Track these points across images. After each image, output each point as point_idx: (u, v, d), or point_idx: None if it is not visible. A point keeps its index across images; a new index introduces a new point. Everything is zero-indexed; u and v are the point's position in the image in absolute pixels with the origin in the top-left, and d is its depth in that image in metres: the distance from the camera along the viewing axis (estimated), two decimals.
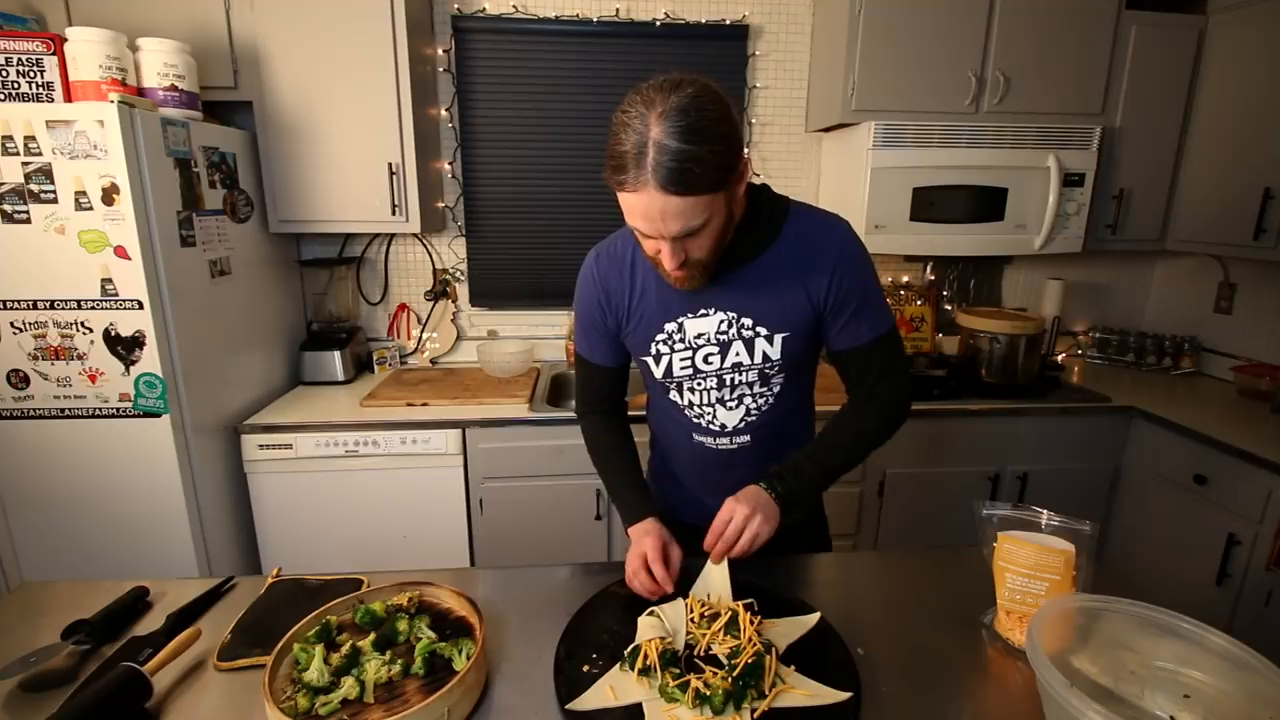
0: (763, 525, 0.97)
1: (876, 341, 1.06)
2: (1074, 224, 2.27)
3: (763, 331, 1.04)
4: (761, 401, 1.10)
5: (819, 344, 1.10)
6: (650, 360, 1.10)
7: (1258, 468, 1.78)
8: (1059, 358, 2.55)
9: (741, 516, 0.96)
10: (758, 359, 1.05)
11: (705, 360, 1.07)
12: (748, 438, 1.12)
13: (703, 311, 1.04)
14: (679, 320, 1.06)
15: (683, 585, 1.00)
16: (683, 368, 1.08)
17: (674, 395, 1.13)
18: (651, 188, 0.82)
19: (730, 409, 1.10)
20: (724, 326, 1.04)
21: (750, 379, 1.07)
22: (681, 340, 1.06)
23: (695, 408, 1.12)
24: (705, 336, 1.05)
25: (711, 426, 1.12)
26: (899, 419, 1.11)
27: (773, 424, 1.12)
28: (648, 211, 0.85)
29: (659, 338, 1.08)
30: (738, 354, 1.05)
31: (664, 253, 0.90)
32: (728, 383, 1.08)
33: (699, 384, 1.09)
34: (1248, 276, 2.40)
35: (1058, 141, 2.21)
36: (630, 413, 1.27)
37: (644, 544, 1.02)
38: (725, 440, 1.13)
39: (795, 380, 1.11)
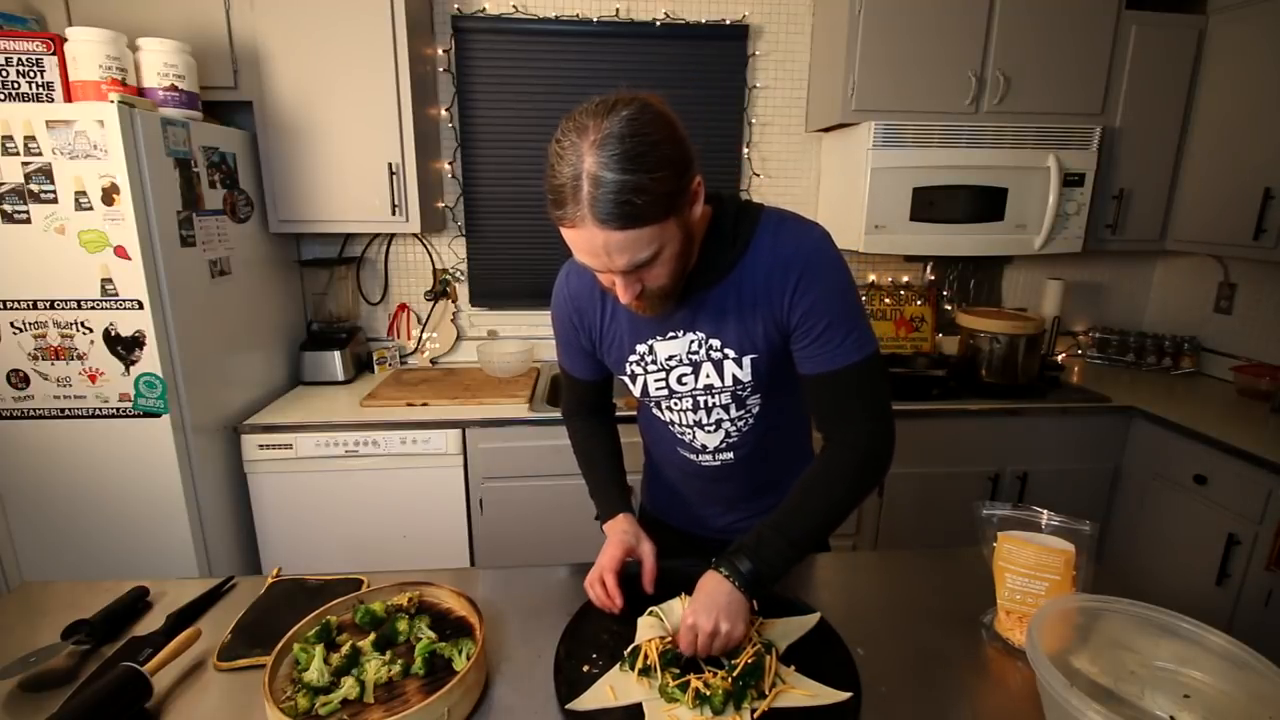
0: (734, 629, 0.84)
1: (849, 370, 0.92)
2: (1074, 224, 2.27)
3: (730, 354, 0.98)
4: (741, 424, 1.05)
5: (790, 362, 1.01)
6: (627, 379, 1.08)
7: (1258, 468, 1.78)
8: (1059, 358, 2.55)
9: (705, 635, 0.83)
10: (728, 381, 1.00)
11: (679, 381, 1.03)
12: (731, 455, 1.09)
13: (672, 334, 1.00)
14: (649, 343, 1.02)
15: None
16: (658, 388, 1.05)
17: (656, 411, 1.11)
18: (590, 223, 0.76)
19: (709, 431, 1.06)
20: (694, 347, 1.00)
21: (724, 401, 1.03)
22: (654, 362, 1.03)
23: (677, 426, 1.09)
24: (676, 358, 1.01)
25: (694, 445, 1.10)
26: (878, 470, 0.95)
27: (757, 443, 1.08)
28: (590, 247, 0.79)
29: (631, 359, 1.05)
30: (708, 375, 1.01)
31: (618, 286, 0.85)
32: (703, 404, 1.03)
33: (675, 404, 1.06)
34: (1248, 276, 2.40)
35: (1058, 141, 2.21)
36: (621, 413, 1.26)
37: (605, 553, 1.00)
38: (709, 458, 1.10)
39: (774, 401, 1.04)
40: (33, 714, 0.79)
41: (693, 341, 1.00)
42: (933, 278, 2.66)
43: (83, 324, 1.61)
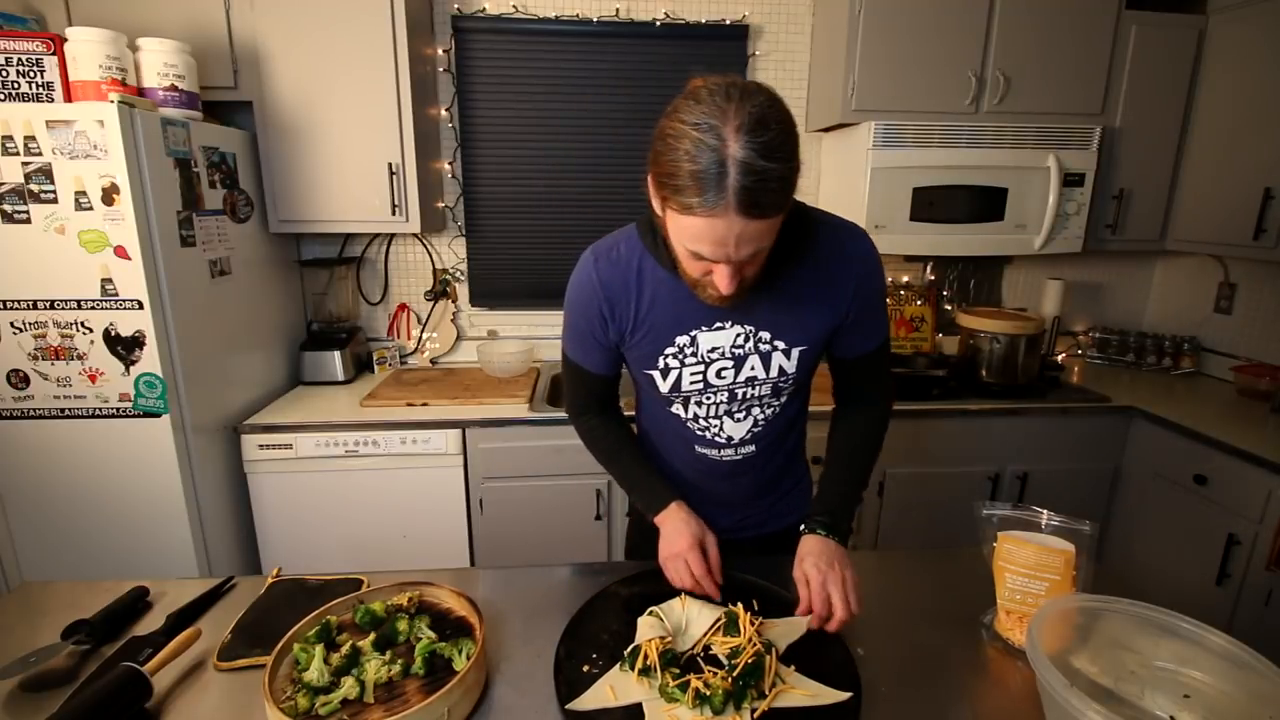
0: (849, 570, 0.94)
1: (880, 348, 1.07)
2: (1074, 224, 2.27)
3: (780, 345, 0.99)
4: (770, 412, 1.07)
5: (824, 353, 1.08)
6: (656, 374, 1.03)
7: (1258, 468, 1.78)
8: (1059, 358, 2.55)
9: (853, 584, 0.92)
10: (773, 373, 1.01)
11: (718, 375, 1.01)
12: (752, 448, 1.10)
13: (719, 325, 0.98)
14: (692, 333, 0.99)
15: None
16: (693, 382, 1.02)
17: (677, 409, 1.08)
18: (731, 212, 0.73)
19: (738, 421, 1.07)
20: (740, 340, 0.99)
21: (763, 393, 1.04)
22: (694, 354, 1.00)
23: (700, 421, 1.07)
24: (720, 350, 1.00)
25: (717, 439, 1.09)
26: (888, 419, 1.14)
27: (776, 432, 1.10)
28: (718, 236, 0.76)
29: (669, 351, 1.01)
30: (753, 368, 1.01)
31: (720, 276, 0.82)
32: (739, 396, 1.03)
33: (708, 398, 1.04)
34: (1248, 276, 2.40)
35: (1058, 141, 2.21)
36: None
37: (679, 540, 1.00)
38: (730, 451, 1.10)
39: (801, 390, 1.09)
40: (33, 714, 0.79)
41: (739, 334, 0.99)
42: (933, 278, 2.66)
43: (83, 324, 1.61)
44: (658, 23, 2.35)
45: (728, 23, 2.37)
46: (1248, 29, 2.11)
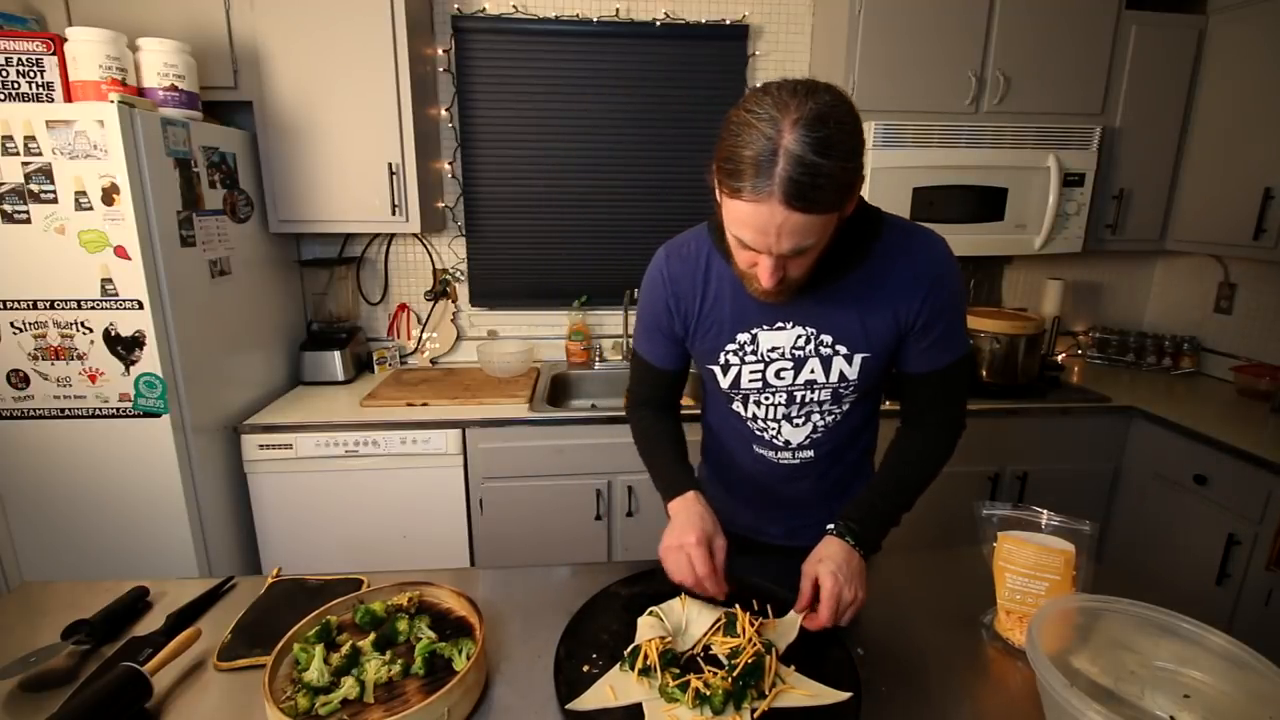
0: (864, 593, 0.91)
1: (952, 366, 1.01)
2: (1074, 224, 2.27)
3: (842, 350, 0.98)
4: (830, 419, 1.06)
5: (893, 363, 1.04)
6: (718, 369, 1.04)
7: (1258, 468, 1.78)
8: (1059, 358, 2.55)
9: (849, 601, 0.89)
10: (833, 378, 1.00)
11: (777, 375, 1.01)
12: (811, 453, 1.08)
13: (780, 324, 0.98)
14: (753, 331, 0.99)
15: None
16: (752, 380, 1.02)
17: (737, 407, 1.07)
18: (775, 200, 0.74)
19: (797, 425, 1.06)
20: (801, 342, 0.98)
21: (823, 398, 1.02)
22: (754, 352, 1.00)
23: (759, 421, 1.07)
24: (780, 350, 0.99)
25: (775, 441, 1.08)
26: (955, 445, 1.07)
27: (838, 440, 1.09)
28: (763, 224, 0.77)
29: (729, 348, 1.02)
30: (812, 371, 1.00)
31: (763, 268, 0.83)
32: (797, 399, 1.03)
33: (766, 399, 1.04)
34: (1248, 276, 2.40)
35: (1058, 141, 2.21)
36: (686, 411, 1.21)
37: (686, 532, 0.94)
38: (788, 455, 1.09)
39: (867, 399, 1.07)
40: (33, 714, 0.79)
41: (800, 336, 0.98)
42: None
43: (83, 324, 1.61)
44: (658, 23, 2.35)
45: (728, 23, 2.37)
46: (1248, 29, 2.11)
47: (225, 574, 1.13)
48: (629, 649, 0.86)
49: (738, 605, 0.92)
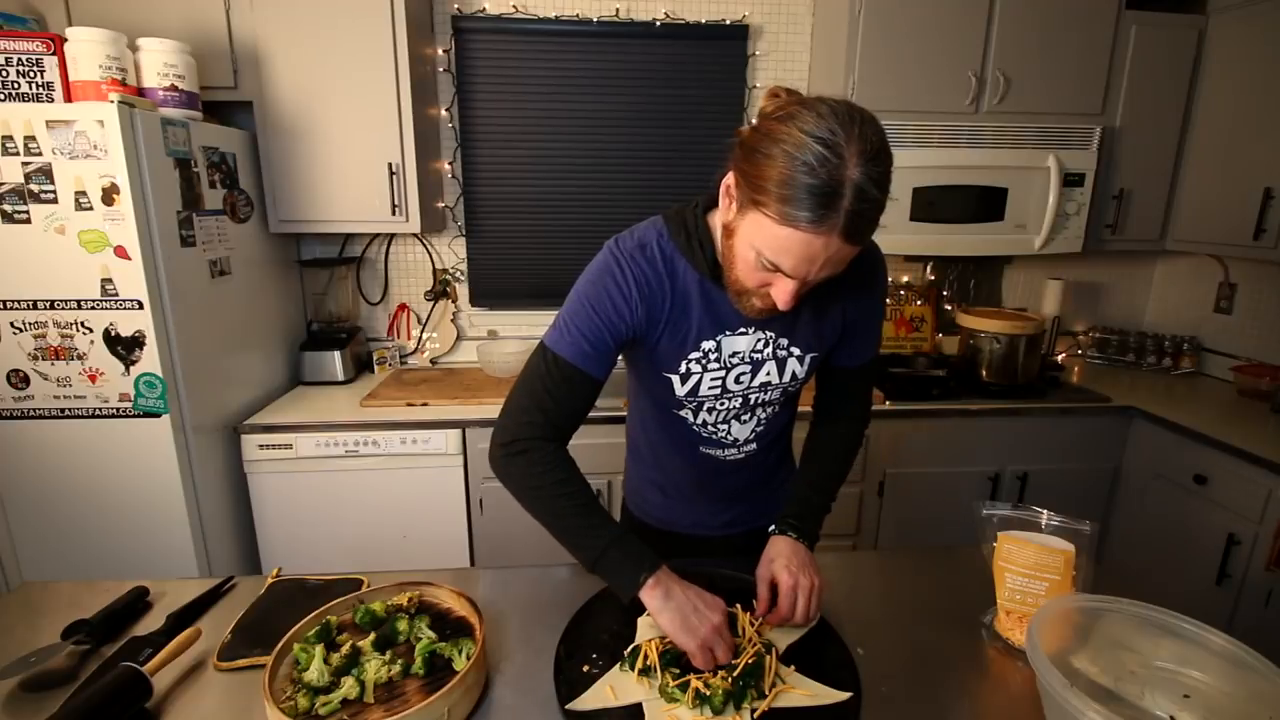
0: (819, 578, 0.95)
1: (873, 361, 1.08)
2: (1074, 224, 2.27)
3: (795, 352, 1.00)
4: (772, 412, 1.08)
5: None
6: (675, 378, 0.98)
7: (1258, 468, 1.78)
8: (1059, 358, 2.55)
9: (819, 590, 0.93)
10: (786, 378, 1.02)
11: (736, 380, 1.00)
12: (755, 446, 1.11)
13: (742, 330, 0.96)
14: (718, 338, 0.96)
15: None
16: (712, 387, 1.00)
17: (685, 413, 1.05)
18: (836, 233, 0.71)
19: (744, 423, 1.07)
20: (760, 345, 0.98)
21: (773, 397, 1.04)
22: (716, 360, 0.98)
23: (708, 425, 1.06)
24: (740, 355, 0.98)
25: (724, 440, 1.08)
26: (862, 439, 1.16)
27: (776, 431, 1.12)
28: (813, 255, 0.74)
29: (693, 355, 0.97)
30: (768, 373, 1.00)
31: (785, 291, 0.79)
32: (750, 401, 1.03)
33: (721, 404, 1.02)
34: (1248, 276, 2.40)
35: (1058, 141, 2.21)
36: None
37: (714, 610, 0.85)
38: (734, 451, 1.10)
39: (798, 394, 1.11)
40: (33, 714, 0.79)
41: (759, 340, 0.98)
42: (933, 278, 2.66)
43: (83, 324, 1.61)
44: (658, 23, 2.34)
45: (728, 23, 2.37)
46: (1248, 29, 2.11)
47: (225, 574, 1.13)
48: (629, 649, 0.86)
49: (738, 605, 0.92)
